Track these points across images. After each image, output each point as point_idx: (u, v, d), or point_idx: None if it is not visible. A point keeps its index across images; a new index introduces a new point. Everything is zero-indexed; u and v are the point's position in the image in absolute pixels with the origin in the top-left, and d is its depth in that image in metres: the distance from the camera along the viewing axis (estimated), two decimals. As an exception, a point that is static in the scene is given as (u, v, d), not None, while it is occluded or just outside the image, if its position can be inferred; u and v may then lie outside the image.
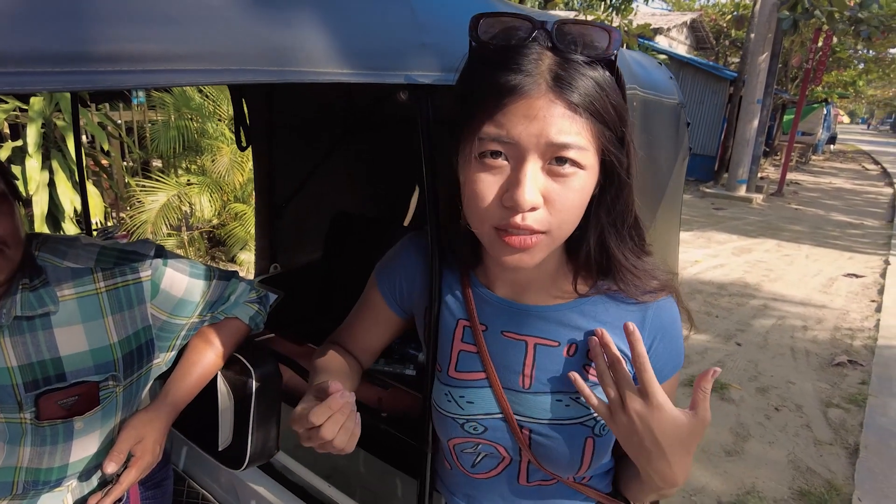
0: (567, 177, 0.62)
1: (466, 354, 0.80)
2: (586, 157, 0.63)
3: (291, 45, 0.60)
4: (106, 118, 4.53)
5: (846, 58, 20.07)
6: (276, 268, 2.19)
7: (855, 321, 5.01)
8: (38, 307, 0.87)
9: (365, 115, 2.11)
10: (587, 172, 0.64)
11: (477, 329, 0.79)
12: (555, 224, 0.64)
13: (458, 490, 0.89)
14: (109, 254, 0.96)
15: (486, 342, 0.78)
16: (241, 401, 1.07)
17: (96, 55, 0.45)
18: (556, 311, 0.77)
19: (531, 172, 0.61)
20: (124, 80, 0.47)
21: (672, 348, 0.79)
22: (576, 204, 0.64)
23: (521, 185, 0.61)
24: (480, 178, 0.64)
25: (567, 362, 0.76)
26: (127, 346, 0.96)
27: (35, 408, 0.88)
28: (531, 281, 0.78)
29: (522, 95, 0.61)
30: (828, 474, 2.86)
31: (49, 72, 0.42)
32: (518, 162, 0.62)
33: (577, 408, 0.76)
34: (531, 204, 0.61)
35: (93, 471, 1.01)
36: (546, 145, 0.61)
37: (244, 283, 1.13)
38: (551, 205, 0.63)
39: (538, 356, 0.77)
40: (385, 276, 0.90)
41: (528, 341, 0.78)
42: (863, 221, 9.66)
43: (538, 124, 0.60)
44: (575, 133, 0.61)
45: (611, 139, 0.64)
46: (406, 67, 0.73)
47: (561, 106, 0.60)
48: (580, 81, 0.61)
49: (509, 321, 0.79)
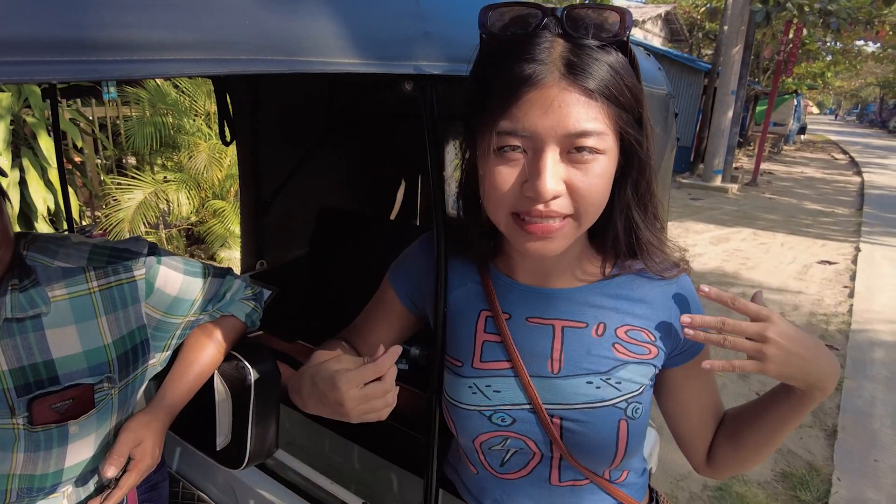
0: (588, 163, 0.62)
1: (490, 344, 0.79)
2: (605, 141, 0.63)
3: (298, 35, 0.59)
4: (78, 114, 4.41)
5: (815, 50, 20.48)
6: (262, 265, 2.16)
7: (829, 307, 5.14)
8: (28, 308, 0.84)
9: (349, 109, 2.09)
10: (607, 157, 0.64)
11: (500, 317, 0.78)
12: (581, 209, 0.64)
13: (485, 496, 0.86)
14: (101, 252, 0.94)
15: (510, 330, 0.78)
16: (240, 399, 1.05)
17: (102, 43, 0.43)
18: (581, 292, 0.78)
19: (551, 162, 0.61)
20: (132, 70, 0.46)
21: None
22: (599, 189, 0.64)
23: (541, 176, 0.60)
24: (499, 170, 0.64)
25: (595, 343, 0.76)
26: (122, 347, 0.94)
27: (28, 412, 0.85)
28: (554, 267, 0.77)
29: (536, 86, 0.60)
30: (808, 456, 2.94)
31: (53, 61, 0.40)
32: (537, 153, 0.62)
33: (607, 389, 0.75)
34: (553, 193, 0.61)
35: (89, 475, 0.98)
36: (564, 135, 0.61)
37: (239, 280, 1.11)
38: (575, 191, 0.63)
39: (566, 339, 0.77)
40: (400, 274, 0.90)
41: (554, 325, 0.77)
42: (834, 210, 9.91)
43: (554, 114, 0.60)
44: (592, 119, 0.61)
45: (628, 121, 0.65)
46: (410, 58, 0.72)
47: (576, 93, 0.60)
48: (594, 66, 0.61)
49: (534, 307, 0.78)
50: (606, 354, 0.76)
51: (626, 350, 0.76)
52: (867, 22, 13.34)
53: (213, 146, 4.74)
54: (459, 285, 0.83)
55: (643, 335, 0.77)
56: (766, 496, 2.61)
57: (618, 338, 0.76)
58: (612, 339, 0.76)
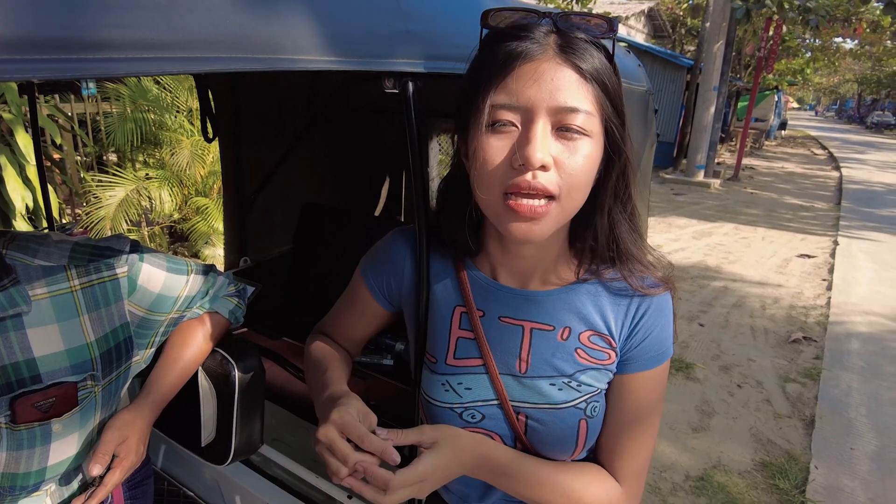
0: (575, 141, 0.64)
1: (464, 341, 0.80)
2: (593, 123, 0.65)
3: (278, 34, 0.59)
4: (56, 110, 4.33)
5: (795, 46, 20.78)
6: (246, 261, 2.16)
7: (808, 299, 5.24)
8: (8, 308, 0.84)
9: (331, 105, 2.09)
10: (593, 141, 0.66)
11: (474, 314, 0.79)
12: (564, 189, 0.65)
13: (451, 484, 0.89)
14: (83, 251, 0.93)
15: (483, 327, 0.79)
16: (224, 395, 1.06)
17: (87, 42, 0.43)
18: (551, 295, 0.79)
19: (541, 132, 0.63)
20: (116, 68, 0.46)
21: (661, 336, 0.78)
22: (584, 170, 0.66)
23: (531, 143, 0.62)
24: (491, 143, 0.65)
25: (560, 346, 0.78)
26: (105, 345, 0.93)
27: (10, 411, 0.84)
28: (532, 268, 0.78)
29: (530, 58, 0.63)
30: (787, 445, 3.00)
31: (39, 59, 0.41)
32: (528, 125, 0.64)
33: (569, 391, 0.77)
34: (541, 161, 0.62)
35: (73, 473, 0.98)
36: (556, 108, 0.63)
37: (222, 277, 1.11)
38: (561, 168, 0.64)
39: (534, 340, 0.78)
40: (372, 270, 0.90)
41: (524, 326, 0.78)
42: (813, 204, 10.08)
43: (547, 87, 0.63)
44: (582, 97, 0.64)
45: (612, 111, 0.67)
46: (391, 55, 0.73)
47: (568, 68, 0.64)
48: (585, 52, 0.65)
49: (507, 306, 0.79)
50: (569, 359, 0.77)
51: (588, 356, 0.77)
52: (845, 19, 13.57)
53: (195, 143, 4.70)
54: (435, 281, 0.84)
55: (604, 341, 0.78)
56: (746, 485, 2.66)
57: (581, 343, 0.78)
58: (576, 343, 0.78)
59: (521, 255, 0.77)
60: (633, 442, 0.79)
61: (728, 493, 2.59)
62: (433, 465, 0.70)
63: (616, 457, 0.80)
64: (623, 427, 0.79)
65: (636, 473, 0.80)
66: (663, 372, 0.80)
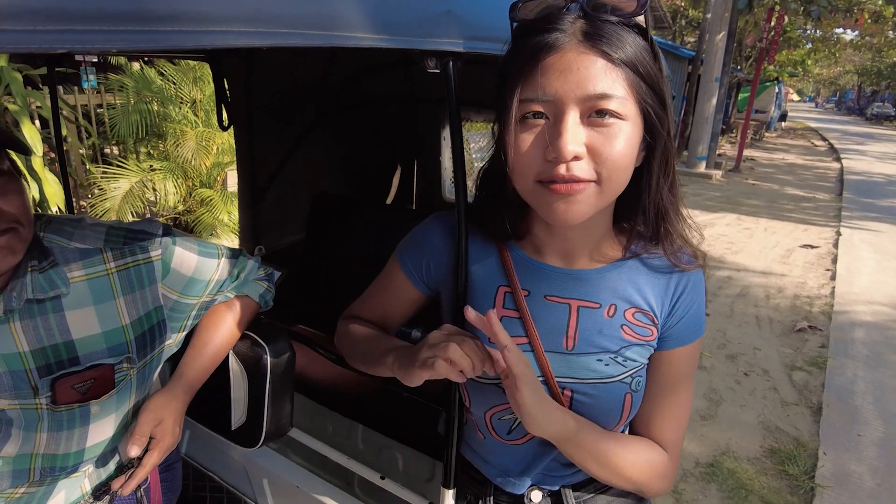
0: (609, 126, 0.64)
1: (508, 320, 0.81)
2: (626, 106, 0.64)
3: (330, 12, 0.60)
4: (61, 101, 4.32)
5: (796, 37, 20.72)
6: (260, 250, 2.16)
7: (812, 289, 5.26)
8: (49, 290, 0.85)
9: (343, 93, 2.08)
10: (629, 123, 0.65)
11: (519, 294, 0.80)
12: (604, 174, 0.65)
13: (491, 458, 0.90)
14: (117, 233, 0.94)
15: (528, 306, 0.80)
16: (255, 378, 1.06)
17: (156, 15, 0.44)
18: (597, 274, 0.80)
19: (571, 123, 0.63)
20: (184, 40, 0.46)
21: (696, 314, 0.82)
22: (622, 153, 0.65)
23: (562, 136, 0.63)
24: (523, 137, 0.66)
25: (607, 323, 0.79)
26: (139, 328, 0.94)
27: (51, 392, 0.85)
28: (577, 246, 0.79)
29: (555, 49, 0.63)
30: (795, 432, 3.02)
31: (111, 30, 0.41)
32: (557, 117, 0.64)
33: (615, 366, 0.78)
34: (573, 153, 0.63)
35: (109, 455, 0.99)
36: (584, 98, 0.63)
37: (252, 261, 1.11)
38: (596, 154, 0.64)
39: (581, 318, 0.79)
40: (409, 255, 0.90)
41: (571, 304, 0.79)
42: (814, 195, 10.08)
43: (574, 77, 0.63)
44: (611, 82, 0.63)
45: (648, 93, 0.66)
46: (433, 35, 0.73)
47: (594, 55, 0.63)
48: (613, 36, 0.64)
49: (553, 285, 0.80)
50: (616, 335, 0.79)
51: (633, 332, 0.79)
52: (846, 10, 13.54)
53: (200, 134, 4.69)
54: (477, 261, 0.85)
55: (647, 317, 0.80)
56: (756, 471, 2.68)
57: (626, 320, 0.79)
58: (621, 320, 0.79)
59: (567, 235, 0.78)
60: (673, 413, 0.83)
61: (738, 479, 2.61)
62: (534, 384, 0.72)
63: (658, 428, 0.83)
64: (664, 399, 0.83)
65: (677, 441, 0.84)
66: (698, 346, 0.84)
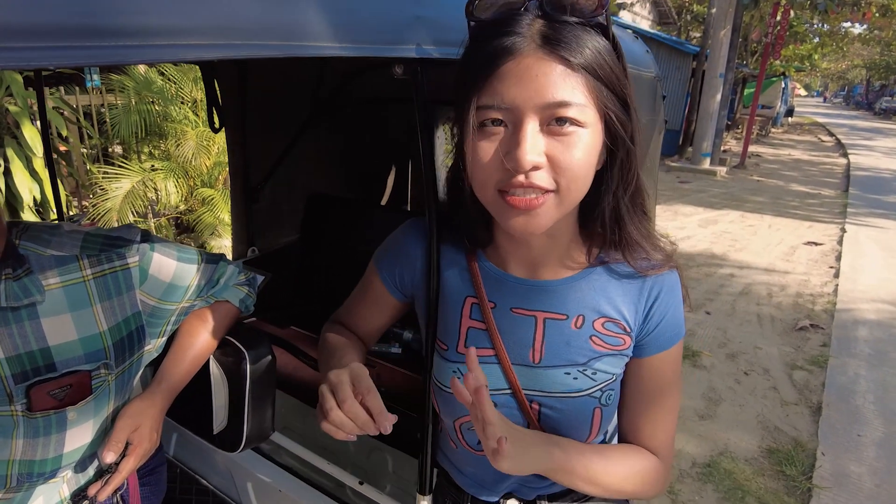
0: (568, 135, 0.62)
1: (475, 331, 0.80)
2: (585, 113, 0.62)
3: (293, 21, 0.59)
4: (62, 102, 4.34)
5: (802, 32, 20.52)
6: (254, 251, 2.16)
7: (815, 287, 5.22)
8: (23, 297, 0.85)
9: (337, 95, 2.08)
10: (589, 130, 0.63)
11: (485, 306, 0.79)
12: (563, 184, 0.63)
13: (465, 468, 0.90)
14: (94, 240, 0.94)
15: (495, 319, 0.79)
16: (236, 383, 1.06)
17: (103, 29, 0.44)
18: (564, 284, 0.78)
19: (530, 133, 0.61)
20: (133, 55, 0.46)
21: (673, 317, 0.80)
22: (581, 162, 0.63)
23: (520, 146, 0.61)
24: (481, 146, 0.64)
25: (574, 335, 0.77)
26: (117, 334, 0.94)
27: (26, 399, 0.86)
28: (545, 256, 0.78)
29: (513, 56, 0.61)
30: (794, 432, 3.00)
31: (56, 46, 0.41)
32: (516, 125, 0.62)
33: (584, 379, 0.77)
34: (531, 163, 0.61)
35: (88, 461, 0.99)
36: (543, 106, 0.61)
37: (232, 266, 1.11)
38: (555, 164, 0.62)
39: (547, 330, 0.78)
40: (385, 262, 0.90)
41: (537, 316, 0.78)
42: (820, 191, 10.01)
43: (532, 85, 0.60)
44: (570, 89, 0.61)
45: (610, 98, 0.64)
46: (401, 41, 0.72)
47: (553, 62, 0.61)
48: (572, 40, 0.61)
49: (519, 297, 0.79)
50: (584, 346, 0.77)
51: (603, 342, 0.78)
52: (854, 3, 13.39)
53: (200, 134, 4.70)
54: (446, 270, 0.84)
55: (618, 327, 0.78)
56: (753, 471, 2.67)
57: (595, 330, 0.77)
58: (590, 331, 0.78)
59: (531, 244, 0.77)
60: (663, 418, 0.82)
61: (735, 480, 2.60)
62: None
63: (649, 435, 0.82)
64: (652, 406, 0.81)
65: (668, 444, 0.83)
66: (679, 349, 0.82)
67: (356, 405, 0.65)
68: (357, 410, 0.64)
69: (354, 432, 0.65)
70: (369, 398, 0.65)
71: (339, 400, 0.65)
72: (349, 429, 0.65)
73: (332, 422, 0.65)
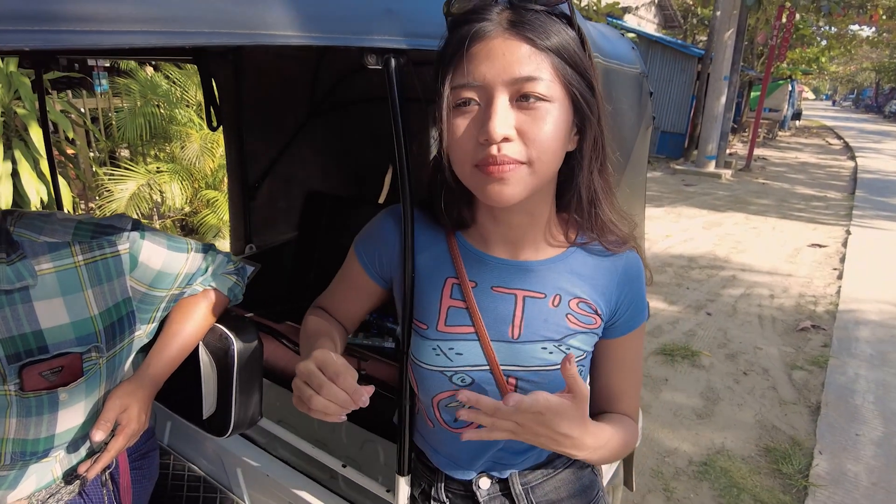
0: (536, 109, 0.67)
1: (455, 310, 0.83)
2: (552, 89, 0.67)
3: (261, 10, 0.62)
4: (69, 106, 4.42)
5: (809, 35, 20.46)
6: (251, 248, 2.20)
7: (818, 288, 5.21)
8: (15, 281, 0.88)
9: (332, 94, 2.12)
10: (556, 105, 0.68)
11: (466, 285, 0.83)
12: (533, 156, 0.68)
13: (440, 447, 0.93)
14: (86, 228, 0.97)
15: (475, 298, 0.82)
16: (223, 368, 1.09)
17: (62, 14, 0.46)
18: (542, 265, 0.83)
19: (500, 107, 0.66)
20: (103, 40, 0.49)
21: (639, 300, 0.86)
22: (549, 135, 0.68)
23: (491, 119, 0.65)
24: (456, 123, 0.69)
25: (552, 312, 0.81)
26: (108, 318, 0.98)
27: (19, 379, 0.89)
28: (524, 237, 0.82)
29: (482, 37, 0.67)
30: (791, 431, 3.00)
31: (9, 30, 0.43)
32: (488, 102, 0.67)
33: (559, 354, 0.81)
34: (502, 135, 0.65)
35: (80, 441, 1.02)
36: (510, 81, 0.66)
37: (221, 255, 1.15)
38: (525, 136, 0.67)
39: (526, 307, 0.82)
40: (364, 247, 0.93)
41: (517, 294, 0.82)
42: (826, 194, 9.96)
43: (500, 62, 0.66)
44: (535, 65, 0.66)
45: (575, 77, 0.69)
46: (372, 32, 0.75)
47: (519, 41, 0.66)
48: (536, 23, 0.67)
49: (499, 277, 0.83)
50: (560, 323, 0.82)
51: (577, 320, 0.82)
52: (860, 6, 13.35)
53: (204, 136, 4.77)
54: (426, 252, 0.87)
55: (590, 307, 0.83)
56: (749, 470, 2.67)
57: (570, 309, 0.82)
58: (566, 310, 0.82)
59: (511, 224, 0.80)
60: (634, 388, 0.92)
61: (731, 478, 2.60)
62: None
63: (625, 405, 0.91)
64: (626, 379, 0.90)
65: (637, 407, 0.94)
66: (644, 326, 0.90)
67: (333, 388, 0.68)
68: (335, 392, 0.68)
69: (339, 413, 0.69)
70: (340, 381, 0.69)
71: (316, 387, 0.69)
72: (333, 410, 0.68)
73: (316, 408, 0.69)
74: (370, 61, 0.77)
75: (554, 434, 0.67)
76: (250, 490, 1.27)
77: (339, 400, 0.68)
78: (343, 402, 0.68)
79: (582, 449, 0.71)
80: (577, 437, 0.69)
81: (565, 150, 0.73)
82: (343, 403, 0.68)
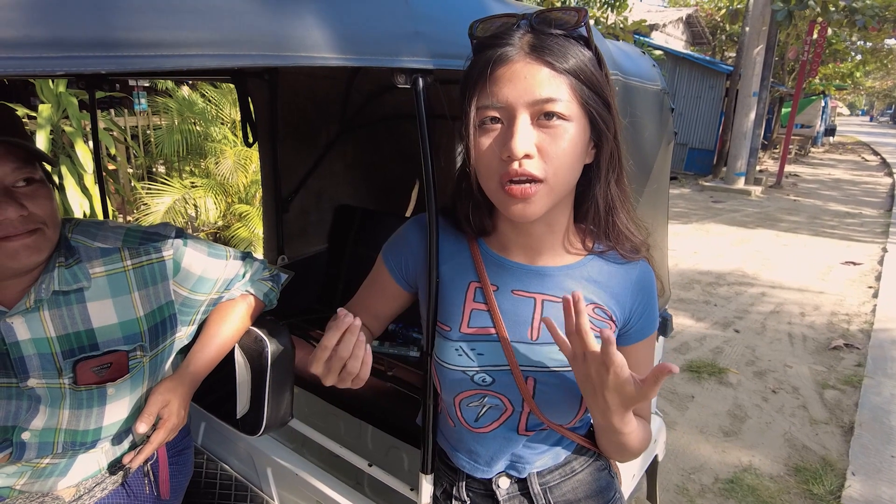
0: (555, 128, 0.72)
1: (478, 312, 0.88)
2: (570, 108, 0.72)
3: (294, 34, 0.69)
4: (112, 123, 4.63)
5: (843, 49, 20.09)
6: (283, 259, 2.28)
7: (852, 307, 5.08)
8: (73, 283, 0.96)
9: (363, 112, 2.20)
10: (574, 124, 0.73)
11: (488, 289, 0.88)
12: (550, 172, 0.73)
13: (461, 446, 0.97)
14: (134, 235, 1.05)
15: (497, 301, 0.87)
16: (257, 370, 1.15)
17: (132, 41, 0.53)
18: (559, 271, 0.87)
19: (522, 126, 0.71)
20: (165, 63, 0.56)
21: (651, 309, 0.90)
22: (567, 152, 0.73)
23: (514, 137, 0.71)
24: (482, 142, 0.75)
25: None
26: (152, 320, 1.05)
27: (73, 373, 0.97)
28: (543, 244, 0.87)
29: (505, 62, 0.72)
30: (822, 451, 2.93)
31: (75, 56, 0.48)
32: (510, 121, 0.73)
33: None
34: (524, 151, 0.71)
35: (124, 434, 1.09)
36: (532, 102, 0.71)
37: (258, 262, 1.22)
38: (544, 154, 0.72)
39: (545, 310, 0.86)
40: (391, 254, 0.99)
41: (536, 298, 0.87)
42: (861, 211, 9.72)
43: (522, 84, 0.71)
44: (555, 87, 0.71)
45: (592, 97, 0.74)
46: (401, 53, 0.81)
47: (540, 65, 0.72)
48: (556, 48, 0.72)
49: (519, 281, 0.88)
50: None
51: (593, 325, 0.85)
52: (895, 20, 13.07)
53: (238, 153, 4.93)
54: (450, 258, 0.92)
55: (605, 313, 0.87)
56: (778, 489, 2.62)
57: (588, 314, 0.86)
58: None
59: (531, 232, 0.86)
60: None
61: (758, 496, 2.56)
62: None
63: (640, 407, 0.92)
64: None
65: (649, 414, 0.96)
66: (654, 335, 0.94)
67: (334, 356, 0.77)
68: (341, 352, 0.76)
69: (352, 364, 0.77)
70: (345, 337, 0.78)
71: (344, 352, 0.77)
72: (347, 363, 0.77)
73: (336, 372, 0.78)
74: (399, 80, 0.83)
75: (604, 385, 0.73)
76: (279, 489, 1.32)
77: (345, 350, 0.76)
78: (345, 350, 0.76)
79: (614, 416, 0.76)
80: (617, 406, 0.74)
81: (582, 163, 0.78)
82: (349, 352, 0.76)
